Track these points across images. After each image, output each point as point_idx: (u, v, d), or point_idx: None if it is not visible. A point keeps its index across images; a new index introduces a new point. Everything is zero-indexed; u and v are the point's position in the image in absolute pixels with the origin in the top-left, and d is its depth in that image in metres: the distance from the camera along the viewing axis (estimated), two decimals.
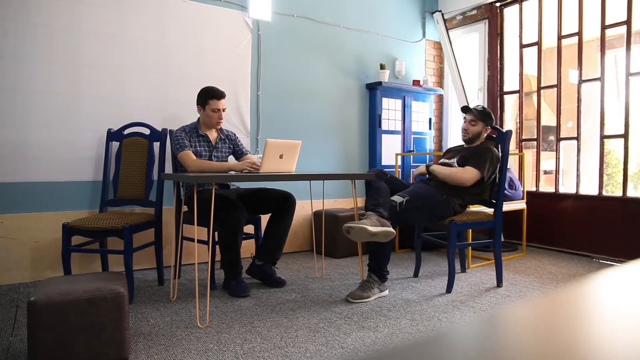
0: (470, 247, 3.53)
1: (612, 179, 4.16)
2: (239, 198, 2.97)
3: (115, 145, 3.13)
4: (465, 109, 3.09)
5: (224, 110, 3.00)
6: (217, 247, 3.08)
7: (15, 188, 2.98)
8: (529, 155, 4.48)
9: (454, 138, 5.18)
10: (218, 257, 3.53)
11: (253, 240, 3.25)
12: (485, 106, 4.70)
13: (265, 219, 3.91)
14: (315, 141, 4.22)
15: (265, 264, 3.01)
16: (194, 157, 2.86)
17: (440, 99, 5.20)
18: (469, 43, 5.05)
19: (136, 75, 3.34)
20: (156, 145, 3.12)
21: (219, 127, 3.05)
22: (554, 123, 4.23)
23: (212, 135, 3.06)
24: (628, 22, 3.65)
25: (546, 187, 4.44)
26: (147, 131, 3.10)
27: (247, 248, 3.70)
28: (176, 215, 2.97)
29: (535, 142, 4.42)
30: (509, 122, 4.77)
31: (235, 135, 3.22)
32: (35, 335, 1.70)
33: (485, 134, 3.05)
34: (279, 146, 2.58)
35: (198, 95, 3.00)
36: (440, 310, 2.52)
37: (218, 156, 3.05)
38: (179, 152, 2.87)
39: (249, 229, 3.31)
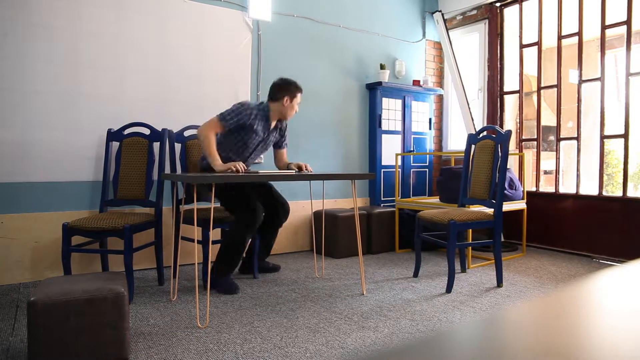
0: (470, 247, 3.53)
1: (612, 179, 4.16)
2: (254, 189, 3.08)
3: (115, 145, 3.13)
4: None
5: None
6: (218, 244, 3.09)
7: (15, 188, 2.98)
8: (529, 155, 4.48)
9: (454, 138, 5.18)
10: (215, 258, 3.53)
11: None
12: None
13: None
14: (315, 141, 4.22)
15: (261, 261, 3.31)
16: (215, 133, 2.83)
17: (440, 99, 5.20)
18: (469, 43, 5.05)
19: (136, 75, 3.34)
20: (156, 145, 3.11)
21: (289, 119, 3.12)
22: (554, 123, 4.23)
23: (272, 124, 3.06)
24: (628, 22, 3.65)
25: (546, 187, 4.44)
26: (147, 131, 3.10)
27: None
28: (174, 216, 2.97)
29: (535, 142, 4.42)
30: (509, 122, 4.77)
31: (287, 125, 3.24)
32: (35, 335, 1.70)
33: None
34: None
35: (282, 86, 2.99)
36: (440, 310, 2.52)
37: (267, 143, 3.07)
38: (217, 117, 2.82)
39: None
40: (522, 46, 4.50)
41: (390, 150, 4.54)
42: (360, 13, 4.48)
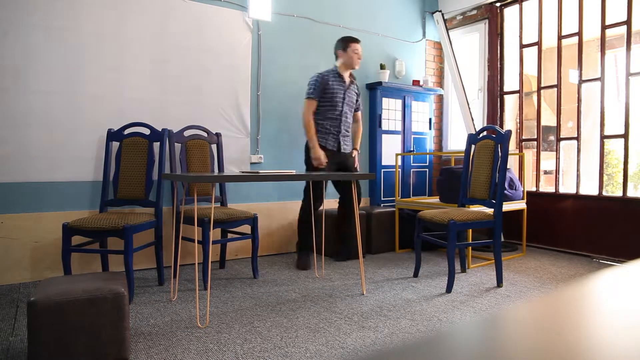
0: (470, 247, 3.53)
1: (612, 179, 4.16)
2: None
3: (115, 145, 3.13)
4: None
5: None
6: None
7: (15, 188, 2.98)
8: (529, 155, 4.48)
9: (454, 138, 5.18)
10: (215, 258, 3.53)
11: (249, 240, 3.23)
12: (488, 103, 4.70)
13: (262, 216, 3.91)
14: None
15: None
16: (313, 112, 3.43)
17: (440, 99, 5.20)
18: (469, 43, 5.05)
19: (136, 75, 3.34)
20: (156, 145, 3.12)
21: (357, 67, 3.56)
22: (554, 123, 4.23)
23: (346, 78, 3.55)
24: (628, 22, 3.65)
25: (546, 187, 4.44)
26: (147, 131, 3.10)
27: (242, 247, 3.70)
28: (174, 216, 2.97)
29: (535, 142, 4.42)
30: (509, 122, 4.77)
31: (360, 91, 3.77)
32: (35, 335, 1.70)
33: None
34: None
35: (338, 42, 3.54)
36: (440, 310, 2.52)
37: (350, 96, 3.57)
38: (305, 98, 3.44)
39: (245, 229, 3.31)
40: (522, 46, 4.50)
41: (391, 150, 4.54)
42: (360, 13, 4.48)
